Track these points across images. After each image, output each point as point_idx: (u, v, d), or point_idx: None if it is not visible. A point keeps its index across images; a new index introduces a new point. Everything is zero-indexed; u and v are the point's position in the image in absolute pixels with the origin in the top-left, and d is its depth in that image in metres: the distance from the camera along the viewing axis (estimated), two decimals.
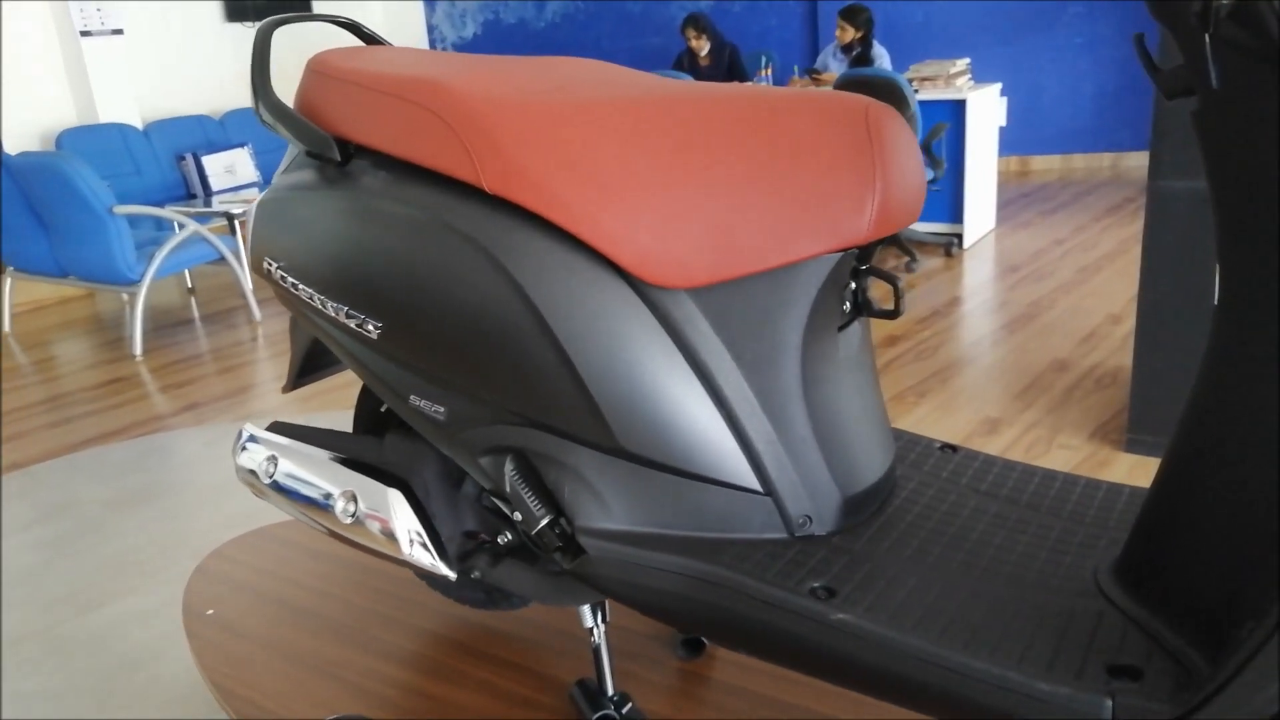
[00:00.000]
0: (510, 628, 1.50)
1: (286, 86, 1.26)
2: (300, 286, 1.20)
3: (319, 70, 1.21)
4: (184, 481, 2.78)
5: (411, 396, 1.12)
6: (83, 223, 3.88)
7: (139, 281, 4.00)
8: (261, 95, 1.22)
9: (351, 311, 1.13)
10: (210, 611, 1.60)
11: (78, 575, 2.28)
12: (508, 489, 1.05)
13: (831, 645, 0.91)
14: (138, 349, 4.09)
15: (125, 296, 5.02)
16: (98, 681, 1.86)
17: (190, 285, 5.29)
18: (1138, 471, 2.38)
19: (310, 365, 1.44)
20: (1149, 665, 0.82)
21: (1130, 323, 3.44)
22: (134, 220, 4.81)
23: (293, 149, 1.29)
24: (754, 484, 1.00)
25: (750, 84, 1.01)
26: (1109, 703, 0.79)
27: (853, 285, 1.04)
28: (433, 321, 1.05)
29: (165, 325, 4.58)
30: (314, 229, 1.17)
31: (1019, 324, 3.59)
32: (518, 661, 1.42)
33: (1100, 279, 4.06)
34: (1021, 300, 3.87)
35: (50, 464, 2.99)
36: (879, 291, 3.47)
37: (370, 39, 1.37)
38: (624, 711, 1.26)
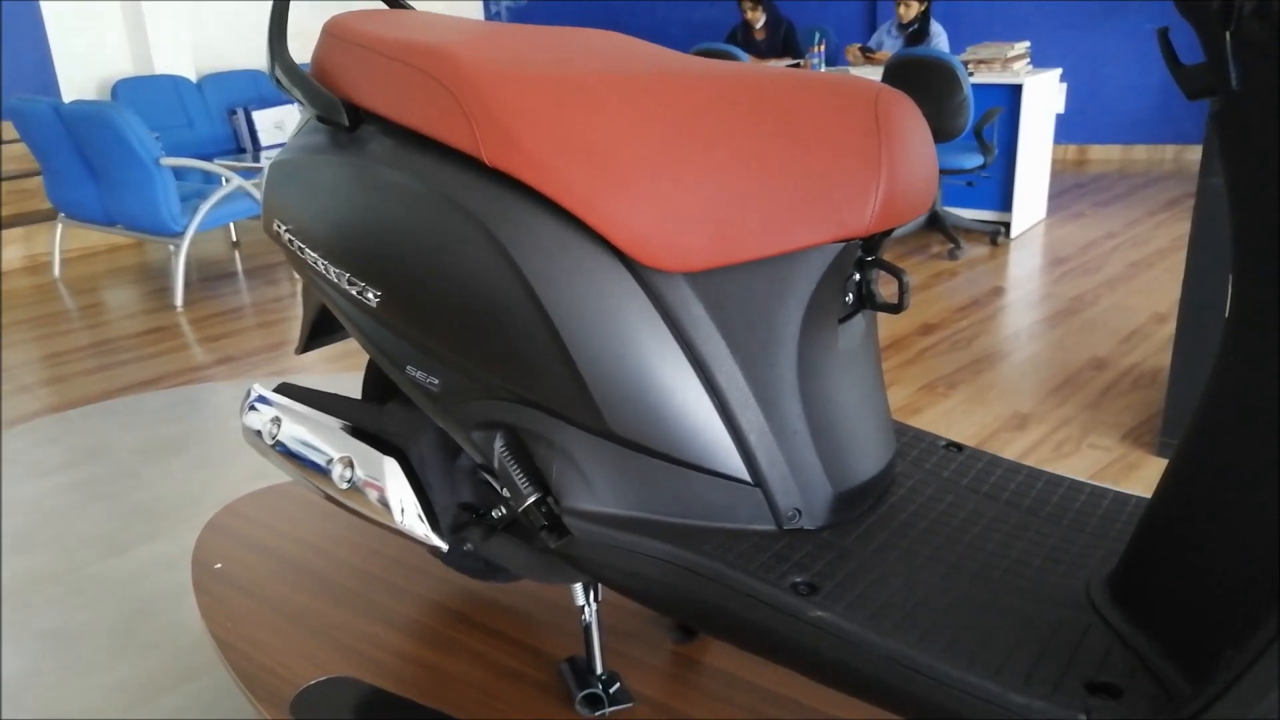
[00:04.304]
0: (507, 599, 1.51)
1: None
2: (306, 251, 1.20)
3: (334, 33, 1.20)
4: (213, 433, 2.83)
5: (408, 367, 1.12)
6: (130, 173, 3.95)
7: (182, 233, 4.06)
8: (277, 56, 1.22)
9: (353, 279, 1.13)
10: (218, 566, 1.62)
11: (106, 519, 2.34)
12: (496, 465, 1.05)
13: (808, 642, 0.89)
14: (178, 300, 4.16)
15: (172, 247, 5.11)
16: (116, 624, 1.90)
17: (235, 239, 5.36)
18: None
19: (321, 328, 1.44)
20: (1130, 684, 0.80)
21: (1175, 323, 3.34)
22: (183, 172, 4.88)
23: (307, 111, 1.28)
24: (743, 474, 0.99)
25: (764, 66, 0.99)
26: (1083, 718, 0.77)
27: (856, 276, 1.02)
28: (429, 293, 1.04)
29: (209, 278, 4.65)
30: (321, 194, 1.17)
31: (1060, 318, 3.50)
32: (511, 634, 1.43)
33: (1149, 276, 3.95)
34: (1065, 294, 3.78)
35: (86, 409, 3.06)
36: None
37: (394, 2, 1.36)
38: (611, 691, 1.26)
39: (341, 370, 3.31)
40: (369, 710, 1.28)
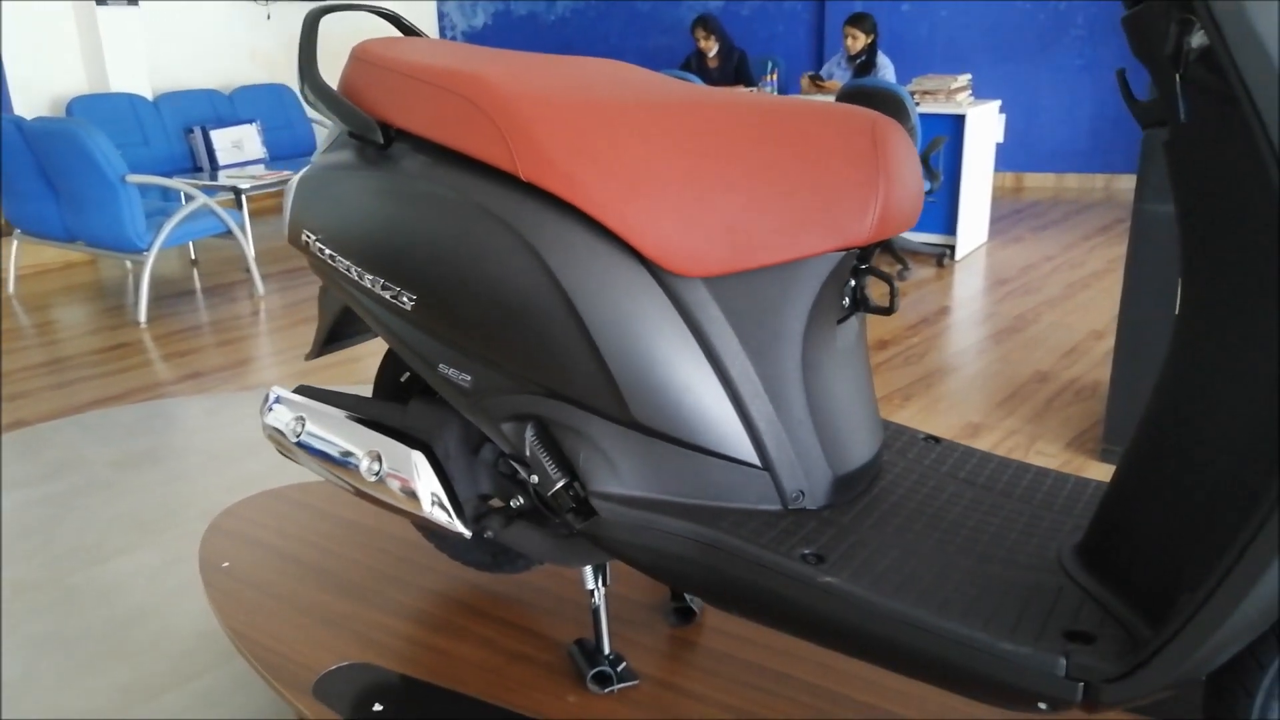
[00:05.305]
0: (510, 591, 1.59)
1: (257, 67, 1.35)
2: (337, 259, 1.28)
3: (363, 58, 1.29)
4: (188, 446, 2.86)
5: (440, 365, 1.21)
6: (95, 190, 3.95)
7: (147, 250, 4.07)
8: (308, 77, 1.30)
9: (387, 284, 1.22)
10: (226, 564, 1.68)
11: (86, 530, 2.36)
12: (527, 453, 1.14)
13: (818, 607, 1.00)
14: (143, 316, 4.15)
15: (129, 264, 5.07)
16: (110, 629, 1.94)
17: (194, 257, 5.35)
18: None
19: (335, 334, 1.52)
20: (1101, 631, 0.92)
21: (1111, 339, 3.55)
22: (140, 189, 4.88)
23: (334, 130, 1.37)
24: (753, 459, 1.10)
25: (766, 93, 1.10)
26: (1063, 661, 0.89)
27: (852, 283, 1.14)
28: (464, 297, 1.14)
29: (168, 295, 4.64)
30: (354, 206, 1.25)
31: (1004, 335, 3.69)
32: (517, 622, 1.51)
33: (1086, 296, 4.17)
34: (1008, 313, 3.98)
35: (55, 423, 3.06)
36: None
37: (409, 30, 1.46)
38: (618, 670, 1.35)
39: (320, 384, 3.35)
40: (388, 693, 1.35)
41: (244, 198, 4.83)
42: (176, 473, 2.68)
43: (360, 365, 3.51)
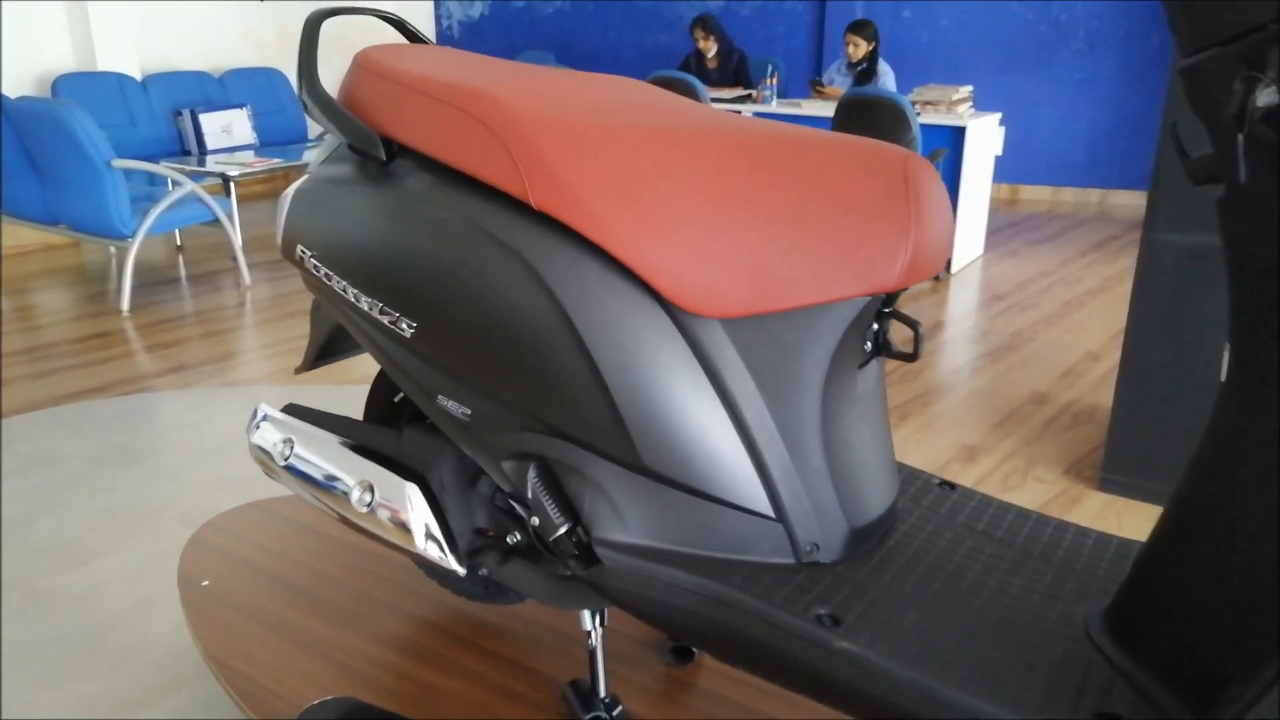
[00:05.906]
0: (502, 622, 1.54)
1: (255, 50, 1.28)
2: (333, 278, 1.22)
3: (366, 67, 1.23)
4: (169, 443, 2.79)
5: (439, 396, 1.15)
6: (79, 173, 3.85)
7: (131, 236, 3.98)
8: (308, 84, 1.24)
9: (386, 309, 1.16)
10: (206, 583, 1.62)
11: (62, 529, 2.29)
12: (529, 495, 1.09)
13: (834, 672, 0.95)
14: (125, 305, 4.06)
15: (112, 250, 4.97)
16: (85, 637, 1.87)
17: (179, 244, 5.25)
18: (1108, 510, 2.46)
19: (327, 349, 1.46)
20: (1133, 715, 0.88)
21: (1109, 361, 3.52)
22: (126, 173, 4.77)
23: (332, 140, 1.31)
24: (767, 509, 1.05)
25: (795, 126, 1.06)
26: None
27: (875, 326, 1.09)
28: (468, 327, 1.08)
29: (151, 283, 4.55)
30: (353, 224, 1.19)
31: (1001, 354, 3.66)
32: (508, 655, 1.46)
33: (1082, 314, 4.14)
34: (1004, 330, 3.94)
35: (33, 416, 2.98)
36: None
37: (414, 37, 1.40)
38: (614, 713, 1.30)
39: (300, 384, 3.28)
40: None
41: (232, 185, 4.74)
42: (156, 470, 2.61)
43: (348, 365, 3.44)
